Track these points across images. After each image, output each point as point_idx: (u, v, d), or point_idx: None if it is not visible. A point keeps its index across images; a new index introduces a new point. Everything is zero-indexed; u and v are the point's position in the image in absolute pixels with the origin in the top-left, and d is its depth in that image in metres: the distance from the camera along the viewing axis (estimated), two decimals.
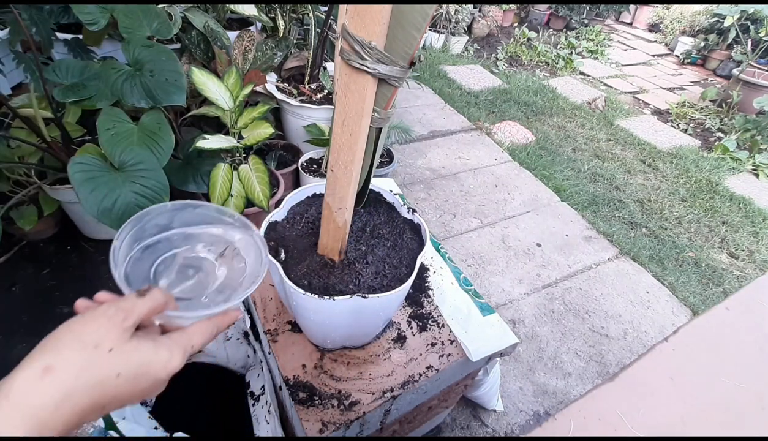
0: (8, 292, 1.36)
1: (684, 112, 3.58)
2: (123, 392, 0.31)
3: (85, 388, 0.29)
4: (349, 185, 0.54)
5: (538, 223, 2.09)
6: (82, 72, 1.21)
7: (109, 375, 0.30)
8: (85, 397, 0.29)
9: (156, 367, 0.33)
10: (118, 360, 0.30)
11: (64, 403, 0.28)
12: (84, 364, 0.29)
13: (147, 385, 0.32)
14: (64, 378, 0.28)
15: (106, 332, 0.31)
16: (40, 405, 0.27)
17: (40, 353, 0.30)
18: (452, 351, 0.76)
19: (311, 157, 1.84)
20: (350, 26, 0.42)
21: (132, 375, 0.31)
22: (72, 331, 0.31)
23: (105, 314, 0.32)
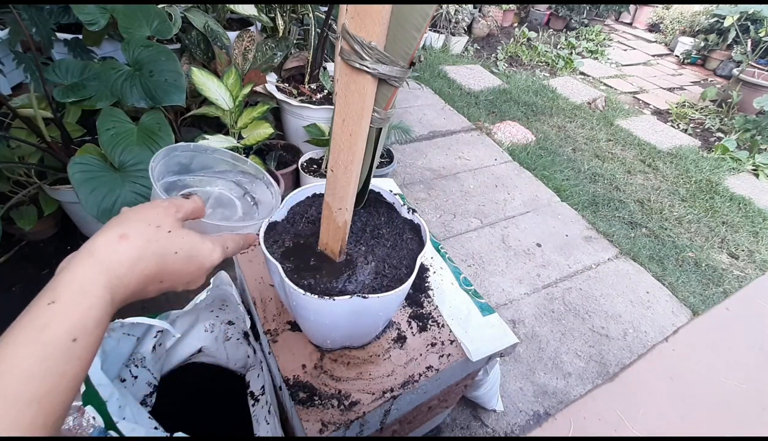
0: (8, 292, 1.36)
1: (684, 112, 3.58)
2: (178, 269, 0.37)
3: (152, 255, 0.35)
4: (349, 185, 0.54)
5: (538, 223, 2.09)
6: (82, 72, 1.21)
7: (170, 249, 0.36)
8: (151, 263, 0.35)
9: (203, 253, 0.39)
10: (175, 240, 0.37)
11: (136, 264, 0.33)
12: (150, 237, 0.35)
13: (194, 268, 0.38)
14: (136, 244, 0.34)
15: (164, 217, 0.37)
16: (118, 262, 0.33)
17: (115, 225, 0.35)
18: (452, 351, 0.76)
19: (311, 157, 1.84)
20: (350, 26, 0.42)
21: (186, 255, 0.37)
22: (137, 213, 0.37)
23: (161, 205, 0.39)
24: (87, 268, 0.31)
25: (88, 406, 0.62)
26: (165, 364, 0.90)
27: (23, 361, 0.27)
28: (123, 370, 0.78)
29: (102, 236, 0.34)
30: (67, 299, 0.29)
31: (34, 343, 0.27)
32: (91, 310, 0.30)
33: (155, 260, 0.35)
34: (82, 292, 0.30)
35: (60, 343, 0.28)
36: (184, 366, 0.92)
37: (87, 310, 0.29)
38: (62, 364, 0.28)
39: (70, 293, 0.30)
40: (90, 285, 0.30)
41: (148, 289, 0.36)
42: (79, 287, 0.30)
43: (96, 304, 0.30)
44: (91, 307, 0.30)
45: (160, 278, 0.36)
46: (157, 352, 0.85)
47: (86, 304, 0.30)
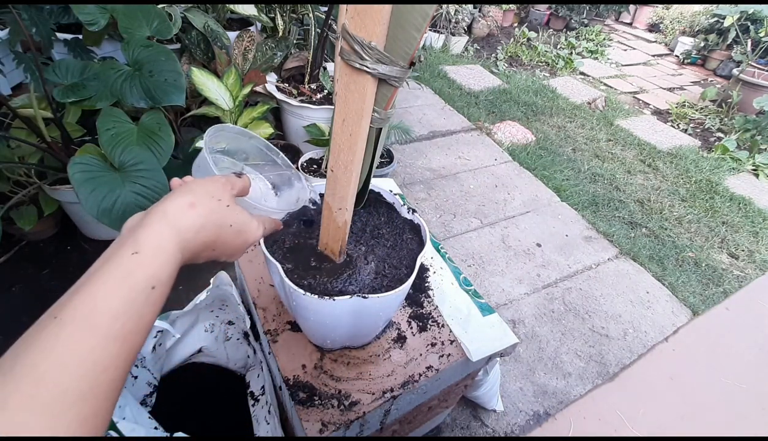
0: (8, 292, 1.36)
1: (684, 112, 3.58)
2: (229, 241, 0.41)
3: (212, 225, 0.39)
4: (349, 185, 0.54)
5: (538, 223, 2.09)
6: (82, 72, 1.21)
7: (226, 222, 0.40)
8: (211, 232, 0.39)
9: (250, 229, 0.44)
10: (232, 213, 0.41)
11: (200, 231, 0.38)
12: (213, 208, 0.39)
13: (240, 242, 0.43)
14: (202, 213, 0.38)
15: (224, 192, 0.42)
16: (186, 227, 0.37)
17: (184, 192, 0.39)
18: (452, 351, 0.76)
19: (311, 157, 1.84)
20: (350, 26, 0.42)
21: (237, 229, 0.42)
22: (202, 186, 0.41)
23: (221, 180, 0.43)
24: (163, 227, 0.35)
25: None
26: (165, 364, 0.90)
27: (112, 301, 0.30)
28: None
29: (173, 201, 0.37)
30: (148, 251, 0.33)
31: (121, 287, 0.31)
32: (166, 265, 0.34)
33: (214, 230, 0.39)
34: (159, 247, 0.34)
35: (142, 288, 0.32)
36: (184, 366, 0.92)
37: (163, 264, 0.34)
38: (142, 308, 0.32)
39: (149, 247, 0.34)
40: (166, 242, 0.35)
41: (203, 254, 0.40)
42: (157, 243, 0.34)
43: (169, 260, 0.34)
44: (166, 262, 0.34)
45: (213, 246, 0.40)
46: (157, 352, 0.85)
47: (163, 258, 0.34)
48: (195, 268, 1.54)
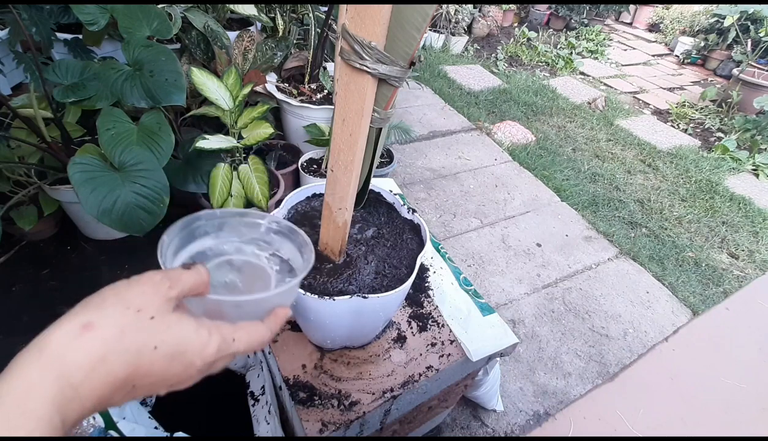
0: (8, 292, 1.36)
1: (684, 112, 3.58)
2: (156, 371, 0.28)
3: (122, 353, 0.26)
4: (349, 185, 0.54)
5: (538, 223, 2.09)
6: (82, 72, 1.21)
7: (148, 344, 0.27)
8: (120, 364, 0.26)
9: (193, 348, 0.29)
10: (158, 330, 0.28)
11: (98, 367, 0.25)
12: (124, 327, 0.27)
13: (179, 369, 0.29)
14: (103, 337, 0.26)
15: (151, 298, 0.29)
16: (75, 364, 0.25)
17: (82, 309, 0.28)
18: (452, 351, 0.76)
19: (311, 157, 1.84)
20: (350, 26, 0.42)
21: (169, 352, 0.28)
22: (116, 293, 0.29)
23: (151, 280, 0.30)
24: (33, 372, 0.24)
25: None
26: None
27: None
28: None
29: (61, 327, 0.26)
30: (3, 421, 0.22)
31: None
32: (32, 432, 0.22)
33: (126, 360, 0.26)
34: (20, 411, 0.22)
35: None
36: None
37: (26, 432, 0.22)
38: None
39: (6, 411, 0.22)
40: (32, 401, 0.22)
41: (114, 399, 0.27)
42: (18, 404, 0.22)
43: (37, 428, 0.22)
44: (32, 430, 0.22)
45: (131, 383, 0.27)
46: None
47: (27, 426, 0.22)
48: None
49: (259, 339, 0.33)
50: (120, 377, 0.26)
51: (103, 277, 1.46)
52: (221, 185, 1.34)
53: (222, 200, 1.35)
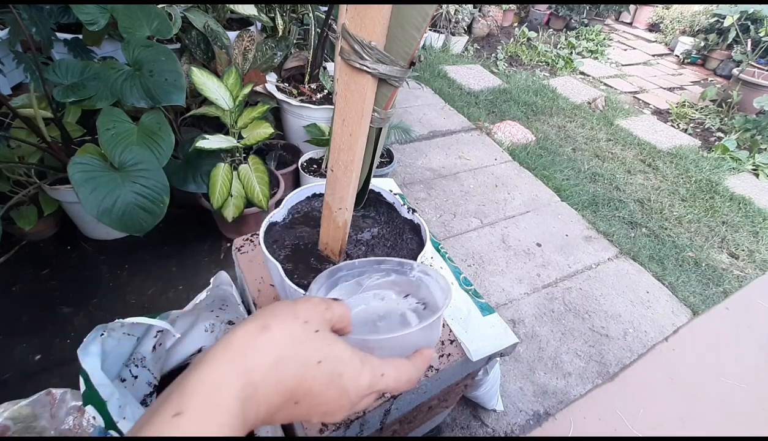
0: (8, 292, 1.36)
1: (684, 112, 3.58)
2: (316, 389, 0.28)
3: (292, 360, 0.27)
4: (349, 185, 0.54)
5: (538, 223, 2.09)
6: (82, 72, 1.21)
7: (312, 357, 0.28)
8: (290, 371, 0.27)
9: (348, 374, 0.29)
10: (322, 344, 0.29)
11: (272, 371, 0.26)
12: (293, 335, 0.28)
13: (335, 392, 0.29)
14: (278, 340, 0.28)
15: (314, 314, 0.30)
16: (256, 363, 0.26)
17: (260, 314, 0.29)
18: (452, 351, 0.76)
19: (311, 157, 1.84)
20: (350, 26, 0.42)
21: (329, 369, 0.29)
22: (285, 305, 0.31)
23: (311, 300, 0.32)
24: (219, 364, 0.25)
25: (89, 406, 0.62)
26: (165, 364, 0.90)
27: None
28: (123, 370, 0.78)
29: (243, 326, 0.28)
30: (193, 411, 0.23)
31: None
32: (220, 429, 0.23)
33: (294, 368, 0.27)
34: (209, 402, 0.24)
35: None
36: (184, 366, 0.92)
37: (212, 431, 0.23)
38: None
39: (196, 401, 0.23)
40: (220, 392, 0.24)
41: (281, 411, 0.28)
42: (208, 396, 0.24)
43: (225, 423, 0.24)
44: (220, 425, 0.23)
45: (296, 397, 0.28)
46: (157, 352, 0.84)
47: (213, 420, 0.23)
48: (194, 266, 1.54)
49: (407, 377, 0.33)
50: (289, 386, 0.27)
51: (103, 277, 1.46)
52: (221, 185, 1.34)
53: (222, 200, 1.35)
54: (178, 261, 1.56)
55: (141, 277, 1.47)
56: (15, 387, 1.14)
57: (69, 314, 1.33)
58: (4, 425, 0.67)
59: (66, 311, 1.33)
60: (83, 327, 1.29)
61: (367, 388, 0.30)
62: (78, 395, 0.73)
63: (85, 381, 0.63)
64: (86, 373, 0.64)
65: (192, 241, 1.64)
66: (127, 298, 1.40)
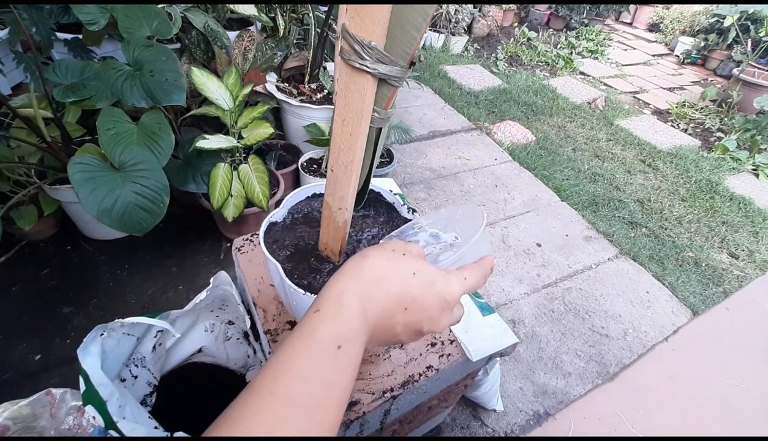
0: (8, 292, 1.36)
1: (684, 112, 3.58)
2: (419, 295, 0.35)
3: (391, 275, 0.35)
4: (349, 185, 0.54)
5: (538, 223, 2.09)
6: (82, 72, 1.21)
7: (407, 270, 0.35)
8: (394, 282, 0.35)
9: (439, 282, 0.36)
10: (411, 262, 0.36)
11: (381, 281, 0.34)
12: (388, 257, 0.36)
13: (434, 298, 0.36)
14: (377, 262, 0.35)
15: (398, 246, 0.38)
16: (366, 275, 0.34)
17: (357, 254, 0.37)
18: (452, 351, 0.76)
19: (311, 157, 1.84)
20: (350, 26, 0.42)
21: (423, 278, 0.36)
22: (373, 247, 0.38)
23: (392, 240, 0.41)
24: (341, 280, 0.34)
25: (89, 406, 0.61)
26: (165, 364, 0.90)
27: (297, 361, 0.29)
28: (123, 369, 0.78)
29: (348, 261, 0.36)
30: (328, 307, 0.32)
31: (306, 346, 0.30)
32: (349, 321, 0.32)
33: (397, 279, 0.35)
34: (339, 302, 0.32)
35: (327, 347, 0.30)
36: (184, 366, 0.93)
37: (345, 321, 0.32)
38: (331, 372, 0.29)
39: (329, 302, 0.33)
40: (345, 295, 0.33)
41: (395, 316, 0.35)
42: (337, 298, 0.33)
43: (351, 316, 0.32)
44: (348, 317, 0.32)
45: (404, 303, 0.35)
46: (157, 351, 0.85)
47: (344, 314, 0.32)
48: (194, 266, 1.54)
49: (482, 275, 0.41)
50: (395, 293, 0.34)
51: (103, 277, 1.46)
52: (221, 185, 1.34)
53: (222, 200, 1.35)
54: (178, 261, 1.56)
55: (141, 277, 1.47)
56: (15, 387, 1.14)
57: (69, 314, 1.33)
58: (4, 425, 0.67)
59: (66, 311, 1.33)
60: (83, 327, 1.29)
61: (458, 289, 0.38)
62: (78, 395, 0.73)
63: (85, 381, 0.63)
64: (86, 373, 0.64)
65: (192, 241, 1.64)
66: (127, 298, 1.40)
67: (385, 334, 0.35)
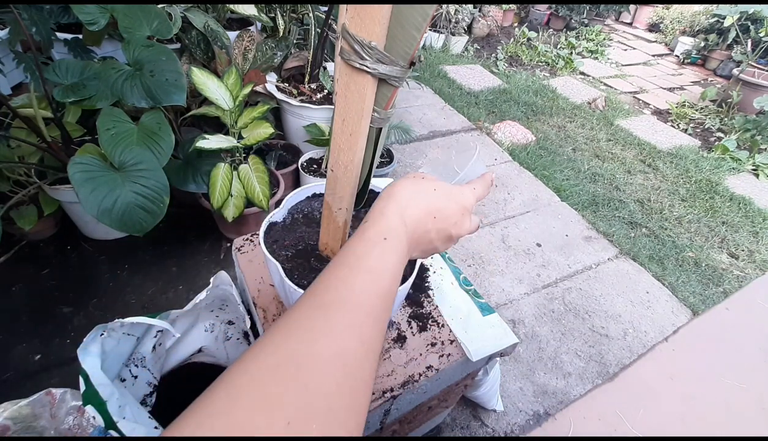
0: (8, 292, 1.36)
1: (684, 112, 3.58)
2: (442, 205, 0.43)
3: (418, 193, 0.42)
4: (349, 185, 0.54)
5: (538, 223, 2.09)
6: (82, 72, 1.21)
7: (428, 188, 0.43)
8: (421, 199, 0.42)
9: (455, 193, 0.44)
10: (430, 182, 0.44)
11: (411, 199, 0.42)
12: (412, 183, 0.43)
13: (455, 206, 0.44)
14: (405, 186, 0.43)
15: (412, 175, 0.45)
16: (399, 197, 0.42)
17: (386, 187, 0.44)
18: (452, 351, 0.76)
19: (311, 157, 1.84)
20: (350, 26, 0.42)
21: (443, 192, 0.43)
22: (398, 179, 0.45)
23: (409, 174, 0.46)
24: (380, 203, 0.42)
25: (88, 406, 0.62)
26: (165, 364, 0.90)
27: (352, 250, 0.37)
28: (123, 370, 0.78)
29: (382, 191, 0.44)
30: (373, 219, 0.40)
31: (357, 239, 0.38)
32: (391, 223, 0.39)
33: (423, 196, 0.42)
34: (381, 214, 0.40)
35: (375, 238, 0.38)
36: (184, 366, 0.93)
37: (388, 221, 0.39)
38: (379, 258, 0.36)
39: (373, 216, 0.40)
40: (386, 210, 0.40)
41: (428, 224, 0.42)
42: (379, 212, 0.41)
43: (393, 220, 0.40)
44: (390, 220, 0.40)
45: (433, 213, 0.42)
46: (157, 351, 0.85)
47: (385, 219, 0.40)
48: (194, 266, 1.54)
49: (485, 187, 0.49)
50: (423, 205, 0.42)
51: (103, 277, 1.46)
52: (221, 185, 1.34)
53: (222, 200, 1.35)
54: (178, 261, 1.56)
55: (141, 277, 1.47)
56: (15, 387, 1.14)
57: (69, 314, 1.33)
58: (4, 425, 0.67)
59: (66, 311, 1.33)
60: (83, 327, 1.29)
61: (471, 196, 0.46)
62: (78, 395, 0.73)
63: (84, 381, 0.63)
64: (86, 373, 0.64)
65: (192, 241, 1.64)
66: (127, 298, 1.40)
67: (422, 241, 0.42)
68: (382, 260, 0.36)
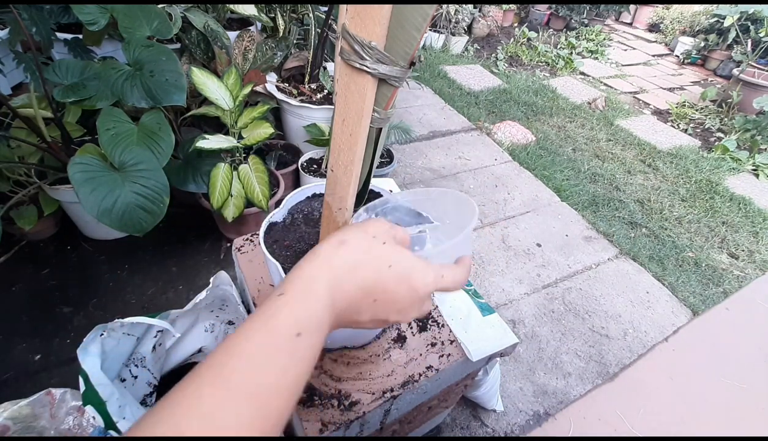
0: (8, 292, 1.36)
1: (684, 112, 3.58)
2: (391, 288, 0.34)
3: (368, 263, 0.34)
4: (349, 185, 0.54)
5: (538, 223, 2.09)
6: (82, 72, 1.21)
7: (384, 261, 0.34)
8: (368, 272, 0.34)
9: (416, 276, 0.35)
10: (391, 252, 0.35)
11: (354, 270, 0.33)
12: (366, 247, 0.35)
13: (406, 291, 0.35)
14: (353, 250, 0.34)
15: (381, 231, 0.37)
16: (339, 262, 0.33)
17: (338, 233, 0.36)
18: (452, 351, 0.76)
19: (311, 157, 1.84)
20: (350, 26, 0.42)
21: (399, 271, 0.34)
22: (356, 226, 0.38)
23: (378, 221, 0.39)
24: (311, 264, 0.33)
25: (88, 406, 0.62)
26: (165, 364, 0.90)
27: (250, 345, 0.27)
28: (123, 370, 0.78)
29: (325, 243, 0.35)
30: (293, 292, 0.31)
31: (262, 330, 0.28)
32: (313, 309, 0.30)
33: (371, 270, 0.34)
34: (306, 287, 0.31)
35: (285, 333, 0.28)
36: (184, 366, 0.93)
37: (310, 308, 0.30)
38: (285, 358, 0.27)
39: (296, 287, 0.31)
40: (313, 281, 0.32)
41: (362, 306, 0.34)
42: (305, 283, 0.31)
43: (317, 304, 0.31)
44: (313, 305, 0.30)
45: (374, 295, 0.34)
46: (157, 352, 0.85)
47: (310, 299, 0.31)
48: (194, 266, 1.54)
49: (461, 277, 0.39)
50: (367, 284, 0.33)
51: (103, 277, 1.46)
52: (221, 185, 1.34)
53: (222, 200, 1.35)
54: (178, 261, 1.56)
55: (141, 277, 1.47)
56: (15, 387, 1.14)
57: (69, 314, 1.33)
58: (4, 425, 0.67)
59: (66, 311, 1.33)
60: (83, 327, 1.29)
61: (432, 284, 0.36)
62: (78, 395, 0.73)
63: (84, 381, 0.63)
64: (86, 373, 0.64)
65: (192, 241, 1.64)
66: (127, 298, 1.40)
67: (349, 322, 0.35)
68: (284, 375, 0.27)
